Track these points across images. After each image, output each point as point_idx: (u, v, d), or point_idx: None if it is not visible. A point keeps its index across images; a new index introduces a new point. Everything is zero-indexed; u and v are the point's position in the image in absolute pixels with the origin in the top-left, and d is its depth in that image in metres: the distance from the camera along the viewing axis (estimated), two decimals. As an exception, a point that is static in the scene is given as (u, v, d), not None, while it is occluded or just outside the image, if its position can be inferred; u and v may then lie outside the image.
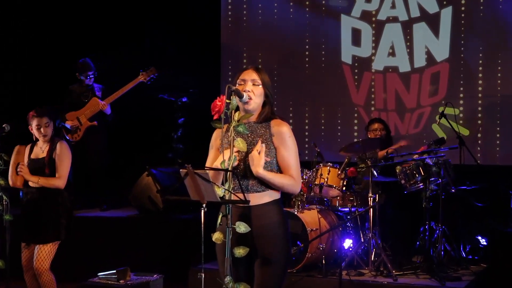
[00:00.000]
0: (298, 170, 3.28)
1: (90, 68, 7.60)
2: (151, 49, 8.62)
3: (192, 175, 2.96)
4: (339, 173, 6.33)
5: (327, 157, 6.87)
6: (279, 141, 3.24)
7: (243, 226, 3.06)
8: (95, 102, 7.49)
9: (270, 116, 3.30)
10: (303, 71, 8.54)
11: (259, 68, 3.34)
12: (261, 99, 3.28)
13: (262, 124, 3.28)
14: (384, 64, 8.17)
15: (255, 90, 3.25)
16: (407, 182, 6.25)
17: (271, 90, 3.34)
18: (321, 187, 6.34)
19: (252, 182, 3.20)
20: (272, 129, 3.26)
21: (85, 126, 7.54)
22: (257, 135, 3.26)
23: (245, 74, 3.29)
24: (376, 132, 6.92)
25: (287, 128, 3.28)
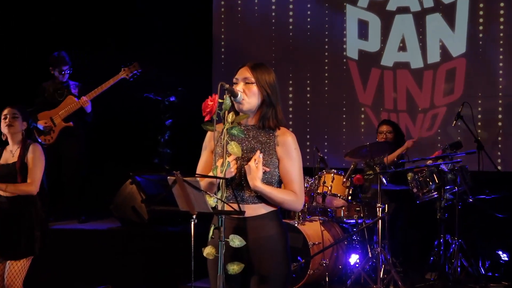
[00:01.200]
0: (302, 185, 3.28)
1: (65, 63, 7.56)
2: (134, 42, 8.63)
3: (181, 183, 2.96)
4: (344, 181, 6.33)
5: (330, 163, 6.87)
6: (284, 151, 3.24)
7: (237, 239, 3.05)
8: (71, 101, 7.44)
9: (275, 121, 3.30)
10: (304, 67, 8.54)
11: (257, 65, 3.31)
12: (256, 99, 3.26)
13: (265, 131, 3.28)
14: (394, 60, 8.18)
15: (248, 89, 3.23)
16: (419, 190, 6.26)
17: (274, 89, 3.30)
18: (324, 196, 6.34)
19: (249, 192, 3.19)
20: (277, 138, 3.25)
21: (59, 127, 7.49)
22: (259, 142, 3.25)
23: (239, 72, 3.29)
24: (382, 135, 6.94)
25: (293, 139, 3.28)
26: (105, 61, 8.16)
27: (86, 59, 8.21)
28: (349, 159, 6.56)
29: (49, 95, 7.59)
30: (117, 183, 7.34)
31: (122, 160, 8.47)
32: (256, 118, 3.29)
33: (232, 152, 3.10)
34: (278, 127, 3.29)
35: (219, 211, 3.03)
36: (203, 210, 2.99)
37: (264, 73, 3.29)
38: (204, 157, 3.38)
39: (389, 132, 6.96)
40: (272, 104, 3.29)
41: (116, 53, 8.32)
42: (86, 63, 8.14)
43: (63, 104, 7.49)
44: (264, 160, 3.19)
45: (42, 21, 8.70)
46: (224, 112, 3.12)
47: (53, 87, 7.60)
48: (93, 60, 8.31)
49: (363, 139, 8.08)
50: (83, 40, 8.56)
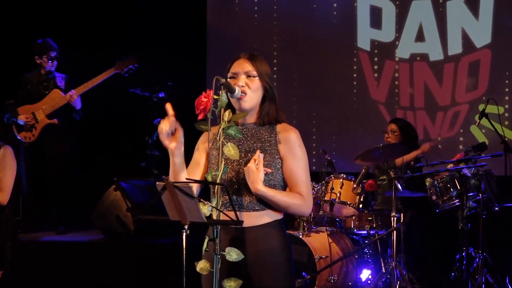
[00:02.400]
0: (309, 186, 3.28)
1: (53, 48, 7.48)
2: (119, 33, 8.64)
3: (171, 189, 2.96)
4: (354, 187, 6.33)
5: (339, 167, 6.87)
6: (287, 149, 3.24)
7: (235, 253, 3.05)
8: (57, 95, 7.40)
9: (275, 117, 3.31)
10: (309, 60, 8.55)
11: (254, 55, 3.32)
12: (259, 94, 3.27)
13: (265, 128, 3.28)
14: (410, 51, 8.20)
15: (251, 84, 3.24)
16: (439, 198, 6.26)
17: (272, 81, 3.33)
18: (332, 204, 6.34)
19: (248, 199, 3.19)
20: (279, 135, 3.26)
21: (42, 124, 7.45)
22: (259, 140, 3.26)
23: (236, 65, 3.29)
24: (386, 134, 6.96)
25: (296, 135, 3.28)
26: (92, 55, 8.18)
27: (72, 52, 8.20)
28: (360, 163, 6.56)
29: (33, 87, 7.53)
30: (99, 189, 7.34)
31: (105, 163, 8.48)
32: (256, 115, 3.30)
33: (229, 154, 3.10)
34: (278, 122, 3.30)
35: (214, 220, 3.03)
36: (196, 219, 3.00)
37: (262, 64, 3.31)
38: (194, 156, 3.38)
39: (392, 132, 6.96)
40: (274, 98, 3.31)
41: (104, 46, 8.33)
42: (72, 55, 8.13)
43: (47, 98, 7.43)
44: (266, 161, 3.19)
45: (25, 8, 8.71)
46: (219, 110, 3.12)
47: (37, 79, 7.54)
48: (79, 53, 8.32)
49: (376, 140, 8.08)
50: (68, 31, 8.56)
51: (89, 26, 8.73)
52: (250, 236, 3.20)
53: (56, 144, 7.49)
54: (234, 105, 3.24)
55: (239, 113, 3.22)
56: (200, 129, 3.14)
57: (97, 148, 8.71)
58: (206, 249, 3.17)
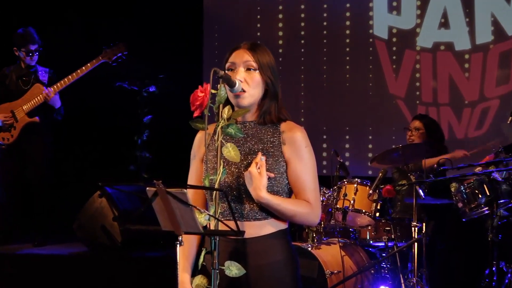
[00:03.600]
0: (317, 192, 3.27)
1: (34, 41, 7.47)
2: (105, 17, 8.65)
3: (163, 195, 2.96)
4: (370, 193, 6.33)
5: (353, 170, 6.87)
6: (292, 151, 3.23)
7: (235, 267, 3.05)
8: (39, 91, 7.37)
9: (278, 115, 3.30)
10: (319, 50, 8.55)
11: (256, 45, 3.31)
12: (259, 89, 3.25)
13: (267, 127, 3.27)
14: (433, 39, 8.19)
15: (250, 77, 3.22)
16: (466, 205, 6.25)
17: (276, 75, 3.31)
18: (345, 212, 6.34)
19: (249, 206, 3.19)
20: (283, 135, 3.25)
21: (22, 124, 7.43)
22: (261, 141, 3.25)
23: (235, 55, 3.27)
24: (409, 132, 6.95)
25: (302, 135, 3.27)
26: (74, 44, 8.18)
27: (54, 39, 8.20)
28: (376, 166, 6.56)
29: (12, 83, 7.52)
30: (82, 195, 7.35)
31: (88, 167, 8.48)
32: (256, 112, 3.29)
33: (229, 156, 3.09)
34: (281, 120, 3.30)
35: (212, 231, 3.03)
36: (191, 230, 3.00)
37: (265, 55, 3.28)
38: (194, 168, 3.37)
39: (417, 129, 6.95)
40: (276, 94, 3.30)
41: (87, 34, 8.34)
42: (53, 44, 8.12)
43: (28, 95, 7.42)
44: (268, 164, 3.18)
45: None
46: (218, 106, 3.12)
47: (16, 73, 7.53)
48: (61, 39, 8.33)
49: (395, 140, 8.08)
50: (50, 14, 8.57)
51: (70, 11, 8.74)
52: (252, 248, 3.19)
53: (37, 146, 7.49)
54: (231, 100, 3.23)
55: (240, 110, 3.20)
56: (196, 127, 3.14)
57: (78, 149, 8.71)
58: (203, 263, 3.17)
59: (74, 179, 8.40)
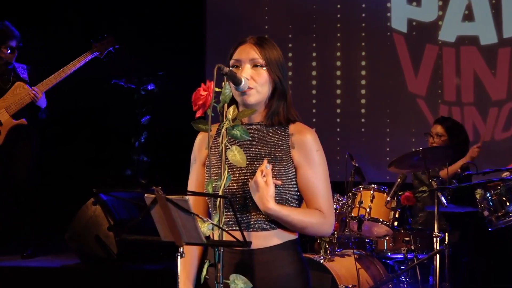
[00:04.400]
0: (330, 200, 3.27)
1: (12, 35, 7.47)
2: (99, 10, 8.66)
3: (163, 203, 2.97)
4: (388, 200, 6.33)
5: (369, 175, 6.86)
6: (302, 155, 3.23)
7: (241, 281, 3.05)
8: (22, 90, 7.34)
9: (286, 116, 3.30)
10: (331, 45, 8.55)
11: (264, 40, 3.31)
12: (267, 87, 3.26)
13: (275, 129, 3.27)
14: (457, 33, 8.19)
15: (257, 75, 3.23)
16: (492, 213, 6.24)
17: (285, 73, 3.32)
18: (361, 221, 6.34)
19: (256, 215, 3.19)
20: (292, 138, 3.25)
21: (7, 127, 7.41)
22: (268, 145, 3.25)
23: (241, 50, 3.28)
24: (431, 138, 6.95)
25: (313, 137, 3.27)
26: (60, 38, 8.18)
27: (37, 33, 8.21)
28: (394, 171, 6.55)
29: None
30: (74, 203, 7.35)
31: (81, 171, 8.48)
32: (263, 113, 3.28)
33: (234, 160, 3.09)
34: (290, 121, 3.30)
35: (216, 241, 3.03)
36: (193, 240, 3.00)
37: (273, 51, 3.29)
38: (195, 173, 3.38)
39: (439, 135, 6.95)
40: (285, 93, 3.30)
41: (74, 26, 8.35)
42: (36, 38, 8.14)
43: (10, 94, 7.37)
44: (276, 170, 3.18)
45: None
46: (222, 106, 3.12)
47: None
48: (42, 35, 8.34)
49: (414, 143, 8.08)
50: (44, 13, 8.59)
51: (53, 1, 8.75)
52: (259, 260, 3.20)
53: (25, 150, 7.47)
54: (236, 99, 3.23)
55: (246, 110, 3.20)
56: (198, 129, 3.14)
57: (70, 153, 8.72)
58: (206, 277, 3.17)
59: (66, 185, 8.41)
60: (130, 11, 8.67)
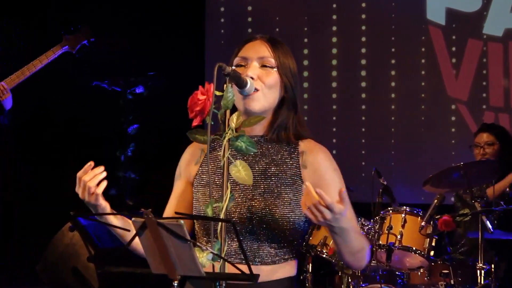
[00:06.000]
0: (358, 227, 3.30)
1: None
2: None
3: (154, 228, 2.98)
4: (423, 226, 6.34)
5: (400, 195, 6.87)
6: (316, 178, 3.24)
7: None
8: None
9: (295, 131, 3.31)
10: (355, 39, 8.58)
11: (277, 40, 3.35)
12: (276, 93, 3.28)
13: (281, 145, 3.30)
14: (504, 26, 8.21)
15: (265, 76, 3.25)
16: (548, 241, 6.25)
17: (296, 81, 3.34)
18: (391, 250, 6.35)
19: (265, 244, 3.23)
20: (303, 156, 3.28)
21: None
22: (274, 162, 3.27)
23: (249, 47, 3.30)
24: (478, 149, 6.95)
25: (326, 157, 3.30)
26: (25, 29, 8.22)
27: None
28: (431, 190, 6.56)
29: None
30: (47, 228, 7.38)
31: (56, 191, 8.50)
32: (267, 125, 3.31)
33: (238, 178, 3.07)
34: (300, 137, 3.31)
35: (218, 274, 3.05)
36: (190, 272, 3.01)
37: (287, 55, 3.32)
38: (178, 190, 3.43)
39: (489, 144, 6.95)
40: (295, 104, 3.32)
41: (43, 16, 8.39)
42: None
43: None
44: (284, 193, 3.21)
45: None
46: (223, 113, 3.13)
47: None
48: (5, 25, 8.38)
49: (454, 157, 8.09)
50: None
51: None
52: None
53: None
54: (237, 104, 3.23)
55: (253, 117, 3.18)
56: (195, 140, 3.13)
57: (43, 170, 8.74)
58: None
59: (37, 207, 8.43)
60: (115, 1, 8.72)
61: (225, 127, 3.09)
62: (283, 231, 3.20)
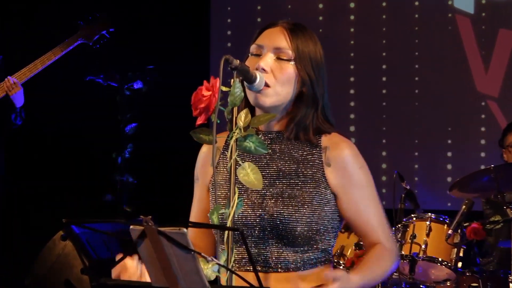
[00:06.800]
0: (386, 225, 3.30)
1: None
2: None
3: (154, 237, 2.98)
4: (449, 234, 6.34)
5: (424, 201, 6.87)
6: (343, 177, 3.24)
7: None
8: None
9: (317, 125, 3.29)
10: (375, 30, 8.58)
11: (300, 27, 3.32)
12: (290, 88, 3.26)
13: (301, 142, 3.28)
14: (539, 15, 8.22)
15: (279, 69, 3.23)
16: None
17: (321, 74, 3.31)
18: (414, 261, 6.35)
19: (277, 251, 3.21)
20: (327, 153, 3.26)
21: None
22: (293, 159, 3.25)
23: (265, 35, 3.29)
24: (508, 153, 6.94)
25: (352, 152, 3.29)
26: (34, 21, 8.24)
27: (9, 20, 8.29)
28: (458, 195, 6.56)
29: None
30: (38, 237, 7.39)
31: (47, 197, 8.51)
32: (283, 122, 3.30)
33: (246, 182, 3.06)
34: (322, 132, 3.29)
35: (224, 287, 3.05)
36: (193, 285, 3.02)
37: (308, 43, 3.29)
38: (198, 196, 3.42)
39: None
40: (316, 100, 3.29)
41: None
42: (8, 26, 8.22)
43: None
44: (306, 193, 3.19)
45: None
46: (231, 110, 3.12)
47: None
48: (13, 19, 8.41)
49: (484, 159, 8.08)
50: None
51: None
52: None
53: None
54: (250, 99, 3.24)
55: (263, 115, 3.18)
56: (200, 140, 3.13)
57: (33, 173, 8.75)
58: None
59: (26, 215, 8.44)
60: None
61: (232, 126, 3.07)
62: (304, 234, 3.18)
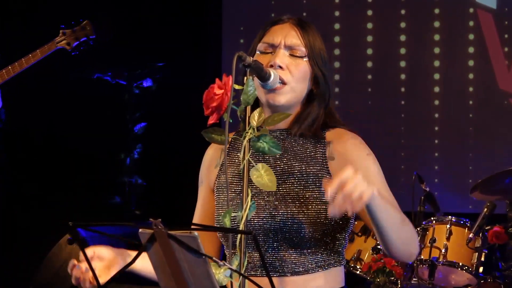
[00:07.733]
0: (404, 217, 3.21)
1: None
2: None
3: (164, 241, 2.99)
4: (471, 238, 6.33)
5: (445, 203, 6.86)
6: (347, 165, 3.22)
7: None
8: None
9: (324, 121, 3.31)
10: (394, 25, 8.57)
11: (306, 22, 3.35)
12: (304, 86, 3.29)
13: (306, 139, 3.30)
14: None
15: (294, 66, 3.25)
16: None
17: (330, 70, 3.34)
18: (434, 266, 6.34)
19: (292, 254, 3.22)
20: (330, 147, 3.27)
21: None
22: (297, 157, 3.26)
23: (276, 32, 3.30)
24: None
25: (357, 141, 3.29)
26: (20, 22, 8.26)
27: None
28: (479, 197, 6.55)
29: None
30: (44, 241, 7.40)
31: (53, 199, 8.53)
32: (290, 119, 3.30)
33: (260, 184, 3.05)
34: (327, 127, 3.31)
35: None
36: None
37: (317, 39, 3.32)
38: (201, 198, 3.44)
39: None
40: (326, 99, 3.32)
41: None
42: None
43: None
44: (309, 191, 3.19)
45: None
46: (244, 109, 3.13)
47: None
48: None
49: (507, 159, 8.06)
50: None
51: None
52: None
53: None
54: (260, 98, 3.25)
55: (277, 114, 3.16)
56: (211, 140, 3.12)
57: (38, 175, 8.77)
58: None
59: (31, 218, 8.46)
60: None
61: (245, 125, 3.07)
62: (311, 235, 3.18)
